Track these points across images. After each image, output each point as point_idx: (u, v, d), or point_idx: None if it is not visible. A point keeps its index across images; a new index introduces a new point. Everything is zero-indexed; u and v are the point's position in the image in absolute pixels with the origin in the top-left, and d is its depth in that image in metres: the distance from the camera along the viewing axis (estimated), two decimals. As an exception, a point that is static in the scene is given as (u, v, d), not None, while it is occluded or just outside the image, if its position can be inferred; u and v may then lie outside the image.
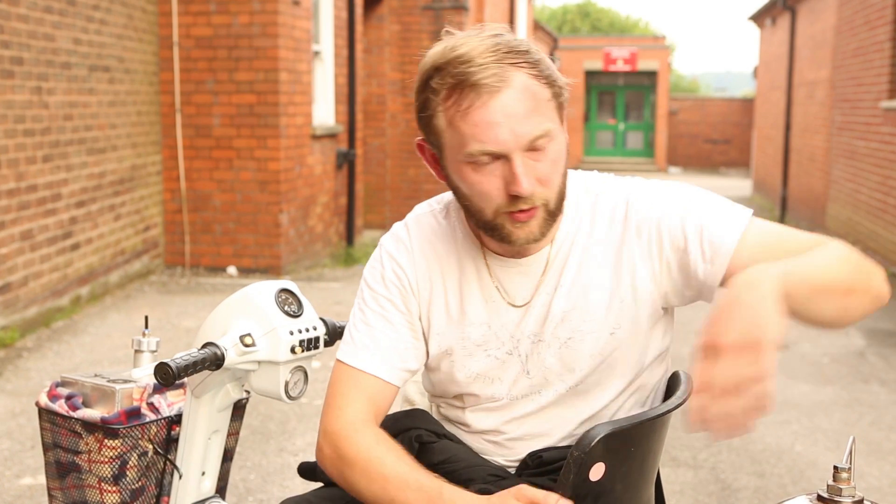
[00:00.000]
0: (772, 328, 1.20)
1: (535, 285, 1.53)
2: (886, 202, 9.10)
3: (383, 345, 1.56)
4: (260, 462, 3.84)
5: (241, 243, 7.92)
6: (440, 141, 1.44)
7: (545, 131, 1.40)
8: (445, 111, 1.40)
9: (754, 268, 1.28)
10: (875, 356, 5.79)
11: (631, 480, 1.46)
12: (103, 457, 1.83)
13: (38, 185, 5.96)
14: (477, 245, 1.56)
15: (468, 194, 1.45)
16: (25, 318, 5.82)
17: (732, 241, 1.44)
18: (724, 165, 28.38)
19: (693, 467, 3.90)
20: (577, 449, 1.35)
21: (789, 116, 14.55)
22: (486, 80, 1.37)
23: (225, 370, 1.72)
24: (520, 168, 1.39)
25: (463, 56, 1.38)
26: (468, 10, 12.04)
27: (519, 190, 1.39)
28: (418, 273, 1.58)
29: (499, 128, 1.37)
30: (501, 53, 1.39)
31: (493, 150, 1.39)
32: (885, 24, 9.50)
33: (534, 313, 1.53)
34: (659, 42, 30.17)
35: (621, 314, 1.50)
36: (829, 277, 1.35)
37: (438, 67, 1.40)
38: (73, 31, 6.38)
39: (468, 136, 1.39)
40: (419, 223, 1.61)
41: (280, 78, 7.68)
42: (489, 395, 1.57)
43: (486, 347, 1.55)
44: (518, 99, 1.38)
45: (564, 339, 1.52)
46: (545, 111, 1.41)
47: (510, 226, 1.43)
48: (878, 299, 1.41)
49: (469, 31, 1.44)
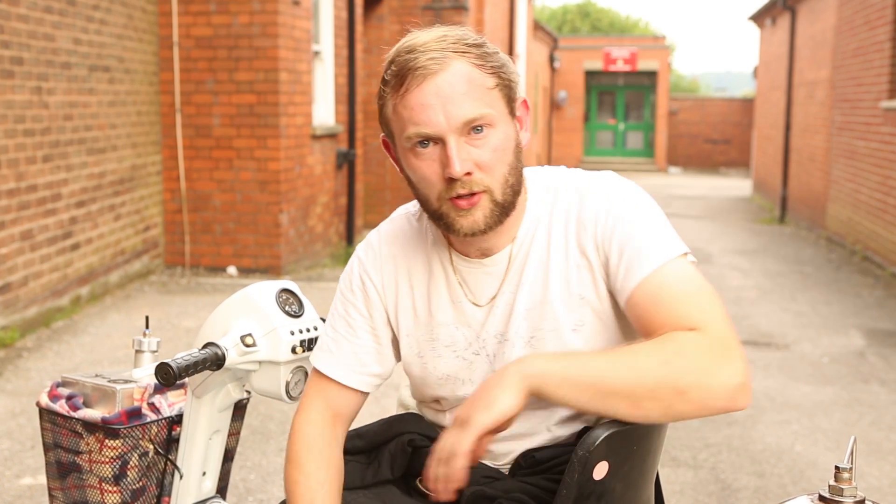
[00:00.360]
0: (484, 412, 1.33)
1: (499, 284, 1.53)
2: (886, 202, 9.10)
3: (344, 349, 1.60)
4: (260, 462, 3.84)
5: (241, 243, 7.92)
6: (391, 130, 1.47)
7: (481, 115, 1.40)
8: (392, 99, 1.43)
9: (529, 356, 1.39)
10: (875, 356, 5.79)
11: (632, 479, 1.47)
12: (104, 457, 1.83)
13: (38, 185, 5.96)
14: (445, 246, 1.57)
15: (414, 181, 1.47)
16: (25, 318, 5.82)
17: (639, 274, 1.42)
18: (724, 165, 28.38)
19: (693, 467, 3.90)
20: (581, 448, 1.35)
21: (789, 116, 14.55)
22: (424, 63, 1.39)
23: (226, 370, 1.72)
24: (453, 150, 1.39)
25: (410, 45, 1.42)
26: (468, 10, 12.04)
27: (451, 171, 1.39)
28: (385, 278, 1.60)
29: (431, 109, 1.39)
30: (447, 42, 1.41)
31: (427, 131, 1.40)
32: (885, 24, 9.50)
33: (497, 312, 1.53)
34: (659, 42, 30.16)
35: (583, 310, 1.50)
36: (631, 382, 1.33)
37: (391, 60, 1.43)
38: (73, 31, 6.38)
39: (406, 120, 1.41)
40: (392, 226, 1.64)
41: (280, 78, 7.68)
42: (460, 397, 1.57)
43: (455, 348, 1.56)
44: (453, 82, 1.39)
45: (528, 338, 1.51)
46: (485, 97, 1.41)
47: (454, 213, 1.44)
48: (705, 410, 1.34)
49: (424, 29, 1.46)
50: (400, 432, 1.61)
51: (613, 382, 1.33)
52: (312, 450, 1.56)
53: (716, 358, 1.34)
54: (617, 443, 1.38)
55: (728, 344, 1.37)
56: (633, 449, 1.44)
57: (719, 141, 28.63)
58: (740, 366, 1.36)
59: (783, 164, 14.61)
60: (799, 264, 9.60)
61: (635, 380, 1.33)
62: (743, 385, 1.34)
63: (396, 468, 1.60)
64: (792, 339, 6.20)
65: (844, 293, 7.90)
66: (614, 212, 1.47)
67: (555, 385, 1.34)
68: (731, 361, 1.35)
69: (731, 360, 1.35)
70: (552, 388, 1.34)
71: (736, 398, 1.34)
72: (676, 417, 1.36)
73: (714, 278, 8.56)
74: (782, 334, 6.35)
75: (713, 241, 11.35)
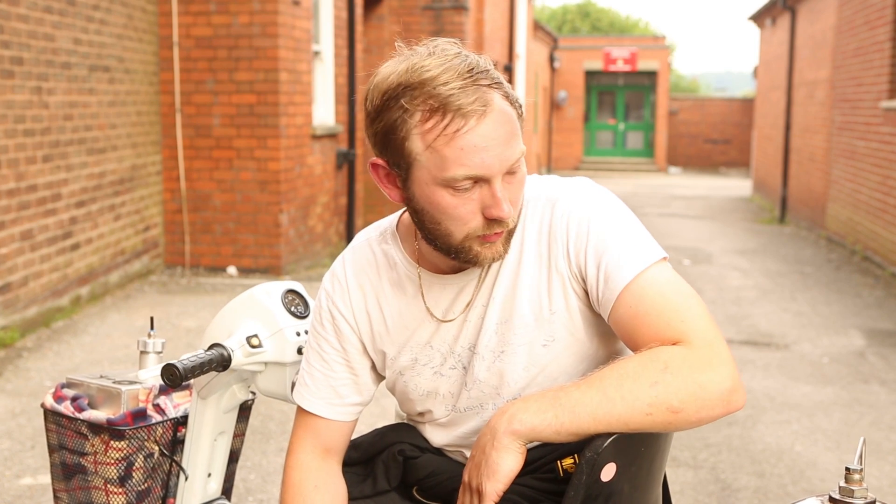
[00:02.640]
0: (493, 481, 1.36)
1: (469, 298, 1.52)
2: (886, 202, 9.11)
3: (320, 383, 1.60)
4: (260, 462, 3.84)
5: (241, 243, 7.92)
6: (410, 163, 1.39)
7: (521, 154, 1.40)
8: (423, 134, 1.35)
9: (512, 409, 1.37)
10: (875, 356, 5.79)
11: (640, 480, 1.47)
12: (109, 458, 1.83)
13: (38, 185, 5.95)
14: (414, 267, 1.55)
15: (438, 218, 1.41)
16: (25, 318, 5.82)
17: (620, 282, 1.41)
18: (724, 165, 28.38)
19: (693, 467, 3.90)
20: (589, 450, 1.36)
21: (789, 116, 14.55)
22: (471, 105, 1.33)
23: (231, 371, 1.72)
24: (501, 192, 1.37)
25: (439, 77, 1.34)
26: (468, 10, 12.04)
27: (500, 214, 1.37)
28: (355, 309, 1.58)
29: (485, 152, 1.35)
30: (476, 74, 1.36)
31: (478, 174, 1.36)
32: (885, 24, 9.50)
33: (469, 326, 1.52)
34: (659, 42, 30.16)
35: (553, 325, 1.48)
36: (625, 413, 1.33)
37: (409, 87, 1.35)
38: (73, 31, 6.38)
39: (451, 161, 1.35)
40: (356, 255, 1.60)
41: (280, 78, 7.68)
42: (440, 411, 1.58)
43: (432, 365, 1.56)
44: (500, 123, 1.36)
45: (498, 353, 1.50)
46: (518, 134, 1.40)
47: (478, 247, 1.42)
48: (702, 420, 1.36)
49: (423, 48, 1.40)
50: (392, 442, 1.62)
51: (609, 418, 1.33)
52: (310, 485, 1.58)
53: (703, 368, 1.34)
54: (624, 444, 1.38)
55: (713, 350, 1.36)
56: (641, 450, 1.44)
57: (719, 141, 28.63)
58: (728, 370, 1.36)
59: (783, 164, 14.62)
60: (799, 264, 9.60)
61: (629, 410, 1.33)
62: (734, 388, 1.36)
63: (392, 478, 1.61)
64: (792, 339, 6.20)
65: (844, 293, 7.90)
66: (586, 222, 1.45)
67: (550, 434, 1.35)
68: (717, 368, 1.35)
69: (717, 366, 1.35)
70: (547, 437, 1.36)
71: (731, 402, 1.36)
72: (678, 430, 1.38)
73: (714, 278, 8.56)
74: (782, 334, 6.35)
75: (713, 241, 11.35)
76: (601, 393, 1.34)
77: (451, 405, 1.57)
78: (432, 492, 1.60)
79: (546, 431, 1.35)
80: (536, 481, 1.51)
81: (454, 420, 1.58)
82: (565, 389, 1.37)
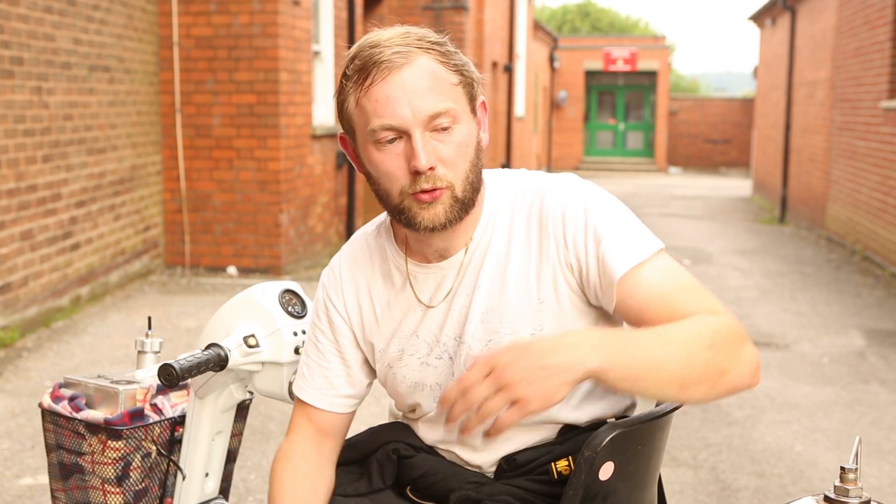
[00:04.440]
0: (540, 401, 1.23)
1: (452, 286, 1.52)
2: (886, 202, 9.11)
3: (315, 374, 1.62)
4: (260, 462, 3.84)
5: (241, 243, 7.92)
6: (352, 125, 1.46)
7: (446, 109, 1.41)
8: (354, 93, 1.43)
9: (589, 337, 1.28)
10: (875, 356, 5.79)
11: (637, 479, 1.47)
12: (107, 458, 1.83)
13: (38, 185, 5.95)
14: (402, 256, 1.57)
15: (376, 177, 1.45)
16: (25, 318, 5.82)
17: (624, 268, 1.41)
18: (724, 165, 28.38)
19: (693, 467, 3.90)
20: (587, 449, 1.36)
21: (789, 116, 14.55)
22: (389, 57, 1.40)
23: (229, 371, 1.72)
24: (419, 143, 1.39)
25: (373, 41, 1.43)
26: (468, 10, 12.04)
27: (418, 164, 1.39)
28: (347, 301, 1.60)
29: (397, 102, 1.39)
30: (411, 39, 1.43)
31: (392, 123, 1.39)
32: (885, 24, 9.50)
33: (454, 315, 1.52)
34: (659, 42, 30.16)
35: (542, 314, 1.48)
36: (684, 368, 1.32)
37: (353, 56, 1.44)
38: (73, 31, 6.38)
39: (370, 113, 1.41)
40: (351, 248, 1.63)
41: (280, 78, 7.68)
42: (428, 404, 1.57)
43: (419, 355, 1.56)
44: (418, 76, 1.40)
45: (485, 341, 1.50)
46: (449, 93, 1.42)
47: (416, 207, 1.43)
48: (734, 389, 1.36)
49: (388, 27, 1.48)
50: (386, 441, 1.62)
51: (670, 372, 1.31)
52: (297, 471, 1.59)
53: (740, 339, 1.38)
54: (622, 443, 1.39)
55: (741, 327, 1.40)
56: (638, 449, 1.44)
57: (719, 141, 28.63)
58: (754, 347, 1.41)
59: (783, 164, 14.62)
60: (799, 264, 9.60)
61: (687, 366, 1.32)
62: (759, 365, 1.40)
63: (387, 477, 1.61)
64: (792, 339, 6.20)
65: (844, 293, 7.90)
66: (583, 211, 1.46)
67: (615, 378, 1.28)
68: (749, 342, 1.39)
69: (748, 340, 1.39)
70: (611, 380, 1.28)
71: (755, 377, 1.39)
72: (710, 399, 1.37)
73: (714, 278, 8.56)
74: (782, 334, 6.35)
75: (713, 241, 11.35)
76: (667, 347, 1.32)
77: (438, 397, 1.56)
78: (426, 492, 1.59)
79: (613, 374, 1.28)
80: (530, 483, 1.51)
81: (442, 413, 1.57)
82: (637, 338, 1.34)
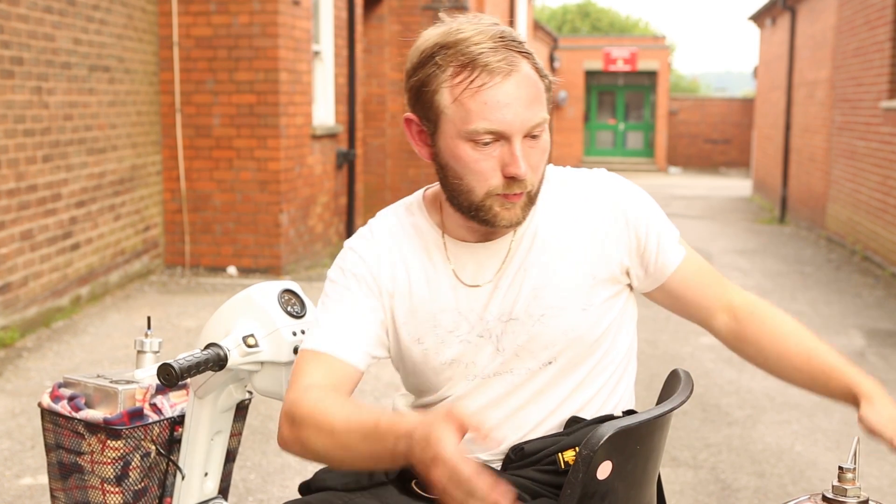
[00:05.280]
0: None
1: (500, 266, 1.57)
2: (886, 202, 9.11)
3: (337, 325, 1.55)
4: (260, 462, 3.84)
5: (241, 243, 7.92)
6: (438, 117, 1.47)
7: (543, 120, 1.47)
8: (451, 88, 1.44)
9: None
10: (875, 356, 5.79)
11: (635, 479, 1.47)
12: (106, 458, 1.83)
13: (38, 185, 5.95)
14: (439, 234, 1.59)
15: (461, 172, 1.48)
16: (25, 318, 5.82)
17: (678, 258, 1.63)
18: (724, 165, 28.37)
19: (693, 467, 3.90)
20: (585, 447, 1.36)
21: (789, 116, 14.55)
22: (499, 63, 1.43)
23: (228, 371, 1.72)
24: (519, 151, 1.44)
25: (472, 38, 1.45)
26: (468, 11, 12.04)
27: (517, 172, 1.44)
28: (381, 266, 1.59)
29: (507, 109, 1.43)
30: (507, 40, 1.46)
31: (498, 129, 1.44)
32: (885, 24, 9.50)
33: (500, 294, 1.56)
34: (659, 42, 30.15)
35: (593, 291, 1.57)
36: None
37: (445, 46, 1.45)
38: (73, 31, 6.38)
39: (475, 114, 1.43)
40: (383, 222, 1.64)
41: (280, 78, 7.68)
42: (462, 383, 1.58)
43: (457, 332, 1.57)
44: (524, 85, 1.45)
45: (538, 316, 1.55)
46: (543, 102, 1.49)
47: (498, 207, 1.48)
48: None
49: (465, 17, 1.50)
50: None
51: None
52: (329, 395, 1.46)
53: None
54: (620, 442, 1.39)
55: None
56: (637, 448, 1.44)
57: (719, 141, 28.62)
58: None
59: (783, 164, 14.61)
60: (799, 264, 9.60)
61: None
62: None
63: (390, 470, 1.59)
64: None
65: (844, 293, 7.90)
66: (640, 199, 1.61)
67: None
68: None
69: None
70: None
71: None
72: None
73: (714, 278, 8.55)
74: (782, 334, 6.34)
75: (713, 241, 11.35)
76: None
77: (477, 373, 1.57)
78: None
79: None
80: (538, 473, 1.52)
81: (479, 385, 1.57)
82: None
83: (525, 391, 1.57)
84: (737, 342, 1.66)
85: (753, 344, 1.64)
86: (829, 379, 1.57)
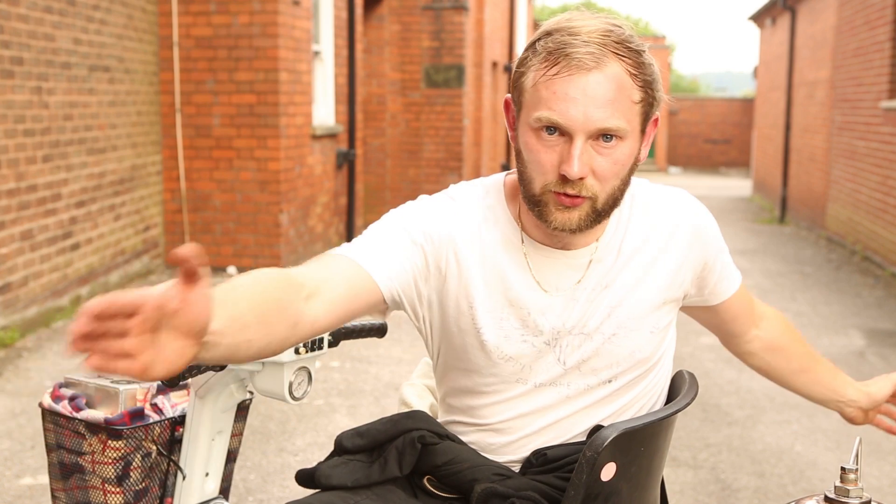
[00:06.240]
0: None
1: (580, 279, 1.52)
2: (886, 202, 9.11)
3: (372, 246, 1.45)
4: (260, 462, 3.84)
5: (241, 243, 7.92)
6: (522, 99, 1.44)
7: (616, 127, 1.38)
8: (536, 72, 1.40)
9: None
10: (875, 356, 5.79)
11: (639, 481, 1.47)
12: (107, 458, 1.83)
13: (38, 185, 5.95)
14: (517, 230, 1.52)
15: (526, 160, 1.44)
16: (25, 318, 5.82)
17: (736, 285, 1.70)
18: (724, 165, 28.38)
19: (693, 467, 3.90)
20: (589, 449, 1.35)
21: (789, 116, 14.55)
22: (583, 56, 1.37)
23: (229, 371, 1.72)
24: (577, 150, 1.37)
25: (573, 28, 1.40)
26: (468, 10, 12.04)
27: (568, 171, 1.37)
28: (463, 235, 1.50)
29: (574, 103, 1.36)
30: (610, 40, 1.39)
31: (559, 122, 1.37)
32: (885, 24, 9.50)
33: (577, 307, 1.51)
34: (659, 42, 30.16)
35: (661, 313, 1.56)
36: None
37: (549, 32, 1.42)
38: (73, 31, 6.38)
39: (543, 101, 1.38)
40: (463, 195, 1.55)
41: (280, 78, 7.68)
42: (516, 380, 1.53)
43: (523, 332, 1.52)
44: (603, 85, 1.37)
45: (609, 335, 1.52)
46: (626, 110, 1.39)
47: (553, 206, 1.42)
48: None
49: (587, 11, 1.46)
50: (409, 429, 1.55)
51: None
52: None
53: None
54: (625, 444, 1.38)
55: None
56: (641, 450, 1.44)
57: (719, 141, 28.63)
58: None
59: (783, 164, 14.62)
60: (799, 264, 9.60)
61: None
62: None
63: (405, 465, 1.53)
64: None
65: (844, 293, 7.90)
66: (710, 226, 1.61)
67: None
68: None
69: None
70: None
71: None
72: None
73: (714, 278, 8.55)
74: (782, 334, 6.34)
75: (713, 241, 11.34)
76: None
77: (532, 379, 1.53)
78: (447, 481, 1.53)
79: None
80: (557, 479, 1.50)
81: (530, 392, 1.53)
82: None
83: (574, 405, 1.54)
84: (758, 370, 1.85)
85: (774, 378, 1.86)
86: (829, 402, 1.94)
